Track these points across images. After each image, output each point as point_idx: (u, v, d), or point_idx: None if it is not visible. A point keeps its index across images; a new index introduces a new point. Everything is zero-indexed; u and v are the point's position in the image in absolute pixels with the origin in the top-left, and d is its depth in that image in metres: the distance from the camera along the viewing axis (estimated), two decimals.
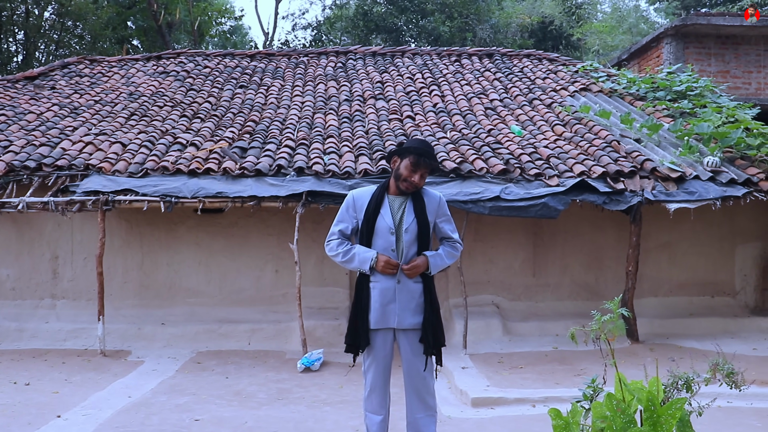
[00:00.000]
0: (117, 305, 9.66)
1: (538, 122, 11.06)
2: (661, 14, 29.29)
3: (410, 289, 4.44)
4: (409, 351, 4.47)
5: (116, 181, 8.82)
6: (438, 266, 4.50)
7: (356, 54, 15.07)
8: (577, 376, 7.66)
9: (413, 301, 4.45)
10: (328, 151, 9.60)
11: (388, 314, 4.42)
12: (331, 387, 7.35)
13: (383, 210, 4.48)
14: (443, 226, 4.60)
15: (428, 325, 4.44)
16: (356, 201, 4.57)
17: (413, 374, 4.50)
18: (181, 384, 7.44)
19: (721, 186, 8.92)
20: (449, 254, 4.56)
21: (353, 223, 4.56)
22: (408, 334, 4.47)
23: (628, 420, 3.89)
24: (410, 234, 4.45)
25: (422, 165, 4.36)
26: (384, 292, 4.42)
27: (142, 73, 13.66)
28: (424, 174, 4.41)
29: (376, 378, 4.52)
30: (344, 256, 4.49)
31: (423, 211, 4.48)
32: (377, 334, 4.47)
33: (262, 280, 9.96)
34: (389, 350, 4.52)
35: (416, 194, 4.52)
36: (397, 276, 4.41)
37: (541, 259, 10.21)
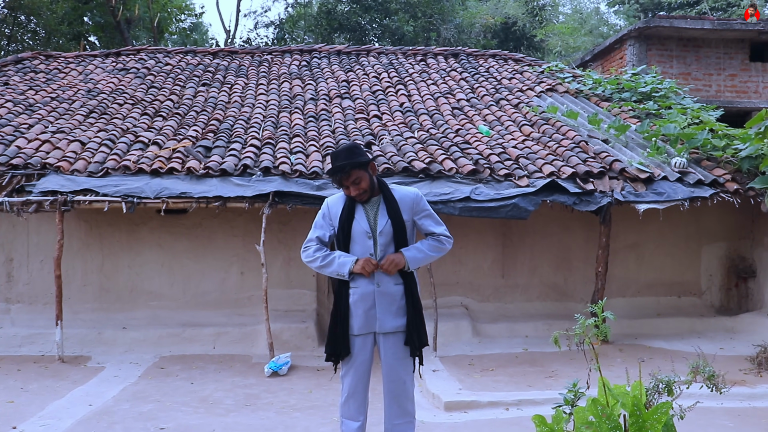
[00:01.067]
0: (76, 309, 9.35)
1: (506, 122, 11.01)
2: (621, 17, 29.63)
3: (391, 292, 4.33)
4: (390, 355, 4.35)
5: (75, 180, 8.52)
6: (418, 260, 4.36)
7: (321, 52, 14.88)
8: (548, 378, 7.60)
9: (394, 303, 4.34)
10: (295, 151, 9.42)
11: (370, 319, 4.32)
12: (301, 392, 7.18)
13: (357, 215, 4.36)
14: (423, 222, 4.46)
15: (412, 327, 4.34)
16: (331, 208, 4.45)
17: (393, 379, 4.38)
18: (144, 391, 7.20)
19: (689, 187, 8.95)
20: (433, 247, 4.41)
21: (330, 230, 4.43)
22: (389, 338, 4.35)
23: (613, 425, 3.80)
24: (385, 236, 4.33)
25: (343, 179, 4.25)
26: (364, 296, 4.31)
27: (100, 69, 13.28)
28: (355, 180, 4.26)
29: (355, 383, 4.38)
30: (322, 260, 4.36)
31: (396, 211, 4.35)
32: (357, 338, 4.35)
33: (227, 283, 9.74)
34: (369, 354, 4.39)
35: (387, 195, 4.39)
36: (375, 279, 4.30)
37: (510, 260, 10.16)
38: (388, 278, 4.32)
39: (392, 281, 4.32)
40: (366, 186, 4.30)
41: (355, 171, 4.26)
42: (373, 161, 4.42)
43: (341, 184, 4.28)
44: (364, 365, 4.38)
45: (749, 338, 9.03)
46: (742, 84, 16.37)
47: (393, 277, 4.33)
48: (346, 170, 4.23)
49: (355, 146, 4.40)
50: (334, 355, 4.39)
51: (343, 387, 4.42)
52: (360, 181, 4.27)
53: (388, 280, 4.32)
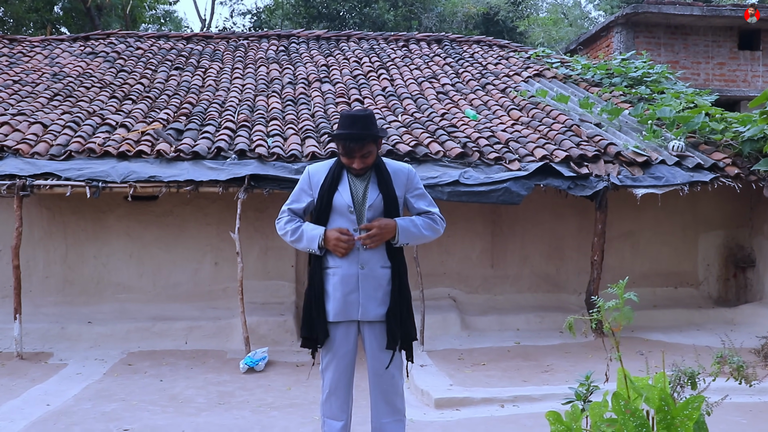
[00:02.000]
0: (37, 302, 8.75)
1: (493, 107, 10.54)
2: (601, 10, 29.36)
3: (376, 276, 3.81)
4: (376, 346, 3.84)
5: (35, 164, 7.92)
6: (410, 234, 3.84)
7: (299, 38, 14.30)
8: (544, 372, 7.15)
9: (380, 289, 3.81)
10: (272, 134, 8.87)
11: (350, 305, 3.79)
12: (278, 389, 6.67)
13: (341, 186, 3.84)
14: (416, 201, 3.95)
15: (393, 315, 3.80)
16: (312, 177, 3.93)
17: (380, 373, 3.87)
18: (108, 389, 6.64)
19: (688, 171, 8.53)
20: (427, 225, 3.90)
21: (308, 201, 3.92)
22: (374, 327, 3.84)
23: (640, 423, 3.32)
24: (374, 211, 3.81)
25: (355, 149, 3.72)
26: (345, 279, 3.79)
27: (68, 53, 12.61)
28: (365, 154, 3.75)
29: (337, 378, 3.87)
30: (293, 234, 3.86)
31: (388, 186, 3.83)
32: (338, 327, 3.83)
33: (200, 274, 9.17)
34: (352, 346, 3.87)
35: (380, 168, 3.87)
36: (360, 260, 3.78)
37: (500, 249, 9.69)
38: (374, 259, 3.81)
39: (379, 263, 3.82)
40: (371, 162, 3.82)
41: (369, 144, 3.76)
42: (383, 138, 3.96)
43: (349, 152, 3.74)
44: (347, 358, 3.87)
45: (750, 330, 8.64)
46: (731, 72, 16.06)
47: (380, 258, 3.82)
48: (364, 141, 3.73)
49: (373, 115, 3.89)
50: (310, 340, 3.88)
51: (324, 383, 3.91)
52: (369, 155, 3.78)
53: (374, 261, 3.81)
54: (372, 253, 3.79)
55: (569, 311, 9.27)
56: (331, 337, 3.84)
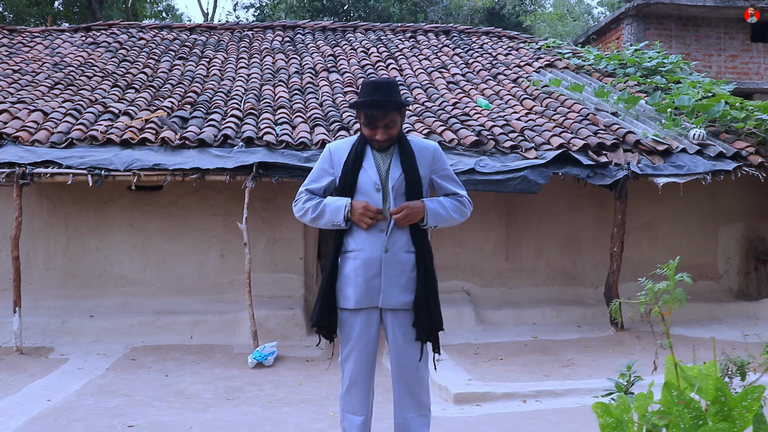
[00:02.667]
0: (37, 296, 8.46)
1: (505, 97, 10.27)
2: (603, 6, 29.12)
3: (400, 261, 3.53)
4: (400, 336, 3.56)
5: (35, 152, 7.63)
6: (439, 216, 3.57)
7: (304, 29, 14.02)
8: (565, 367, 6.87)
9: (403, 275, 3.54)
10: (280, 122, 8.58)
11: (372, 290, 3.51)
12: (289, 384, 6.39)
13: (366, 162, 3.56)
14: (442, 182, 3.69)
15: (421, 304, 3.52)
16: (334, 154, 3.65)
17: (404, 365, 3.59)
18: (111, 384, 6.36)
19: (710, 160, 8.25)
20: (455, 207, 3.64)
21: (329, 181, 3.64)
22: (398, 316, 3.56)
23: (696, 414, 3.03)
24: (396, 192, 3.54)
25: (378, 118, 3.47)
26: (368, 263, 3.51)
27: (69, 44, 12.34)
28: (389, 123, 3.49)
29: (358, 369, 3.59)
30: (314, 210, 3.58)
31: (412, 164, 3.57)
32: (358, 315, 3.56)
33: (205, 266, 8.86)
34: (374, 335, 3.60)
35: (403, 144, 3.61)
36: (384, 243, 3.50)
37: (515, 241, 9.38)
38: (399, 243, 3.53)
39: (403, 247, 3.54)
40: (395, 134, 3.55)
41: (393, 113, 3.50)
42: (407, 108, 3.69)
43: (371, 122, 3.48)
44: (368, 348, 3.59)
45: None
46: (743, 65, 15.77)
47: (405, 243, 3.55)
48: (387, 108, 3.46)
49: (396, 83, 3.62)
50: (328, 329, 3.62)
51: (344, 375, 3.63)
52: (393, 125, 3.51)
53: (399, 246, 3.53)
54: (396, 237, 3.53)
55: (586, 305, 9.00)
56: (351, 326, 3.58)
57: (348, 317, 3.57)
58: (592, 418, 5.55)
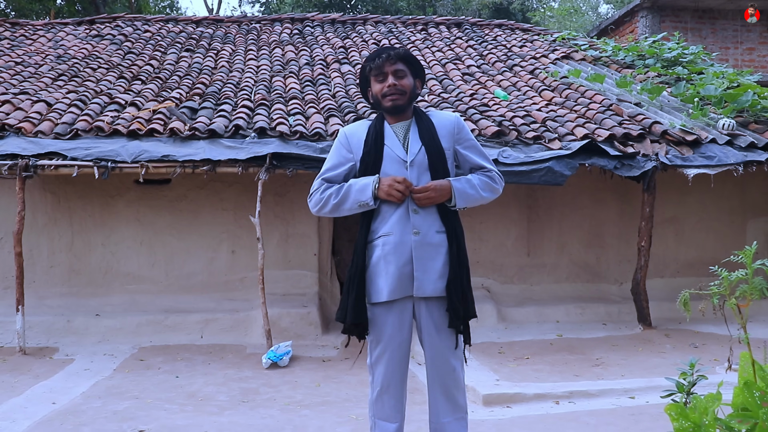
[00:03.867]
0: (41, 294, 8.14)
1: (523, 88, 9.94)
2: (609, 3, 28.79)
3: (432, 243, 3.21)
4: (434, 329, 3.25)
5: (39, 143, 7.31)
6: (467, 196, 3.25)
7: (313, 21, 13.70)
8: (596, 366, 6.54)
9: (438, 258, 3.22)
10: (293, 112, 8.26)
11: (405, 278, 3.19)
12: (307, 385, 6.07)
13: (388, 139, 3.27)
14: (468, 153, 3.37)
15: (455, 288, 3.19)
16: (350, 137, 3.35)
17: (439, 363, 3.28)
18: (120, 386, 6.03)
19: (741, 151, 7.91)
20: (485, 184, 3.32)
21: (347, 167, 3.33)
22: (431, 306, 3.23)
23: None
24: (418, 167, 3.24)
25: (387, 62, 3.25)
26: (399, 249, 3.18)
27: (72, 36, 12.03)
28: (399, 71, 3.26)
29: (391, 372, 3.26)
30: (336, 195, 3.26)
31: (433, 135, 3.27)
32: (391, 310, 3.22)
33: (216, 263, 8.52)
34: (407, 333, 3.28)
35: (420, 116, 3.32)
36: (413, 226, 3.18)
37: (536, 236, 9.04)
38: (427, 222, 3.22)
39: (433, 227, 3.23)
40: (407, 86, 3.26)
41: (401, 62, 3.27)
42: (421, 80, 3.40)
43: (379, 69, 3.25)
44: (401, 349, 3.27)
45: None
46: (761, 58, 15.42)
47: (434, 222, 3.23)
48: (394, 55, 3.26)
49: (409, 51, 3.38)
50: (356, 327, 3.28)
51: (374, 379, 3.30)
52: (404, 76, 3.26)
53: (428, 225, 3.22)
54: (424, 216, 3.21)
55: (611, 302, 8.68)
56: (382, 324, 3.25)
57: (379, 314, 3.25)
58: (631, 420, 5.23)
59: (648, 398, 5.52)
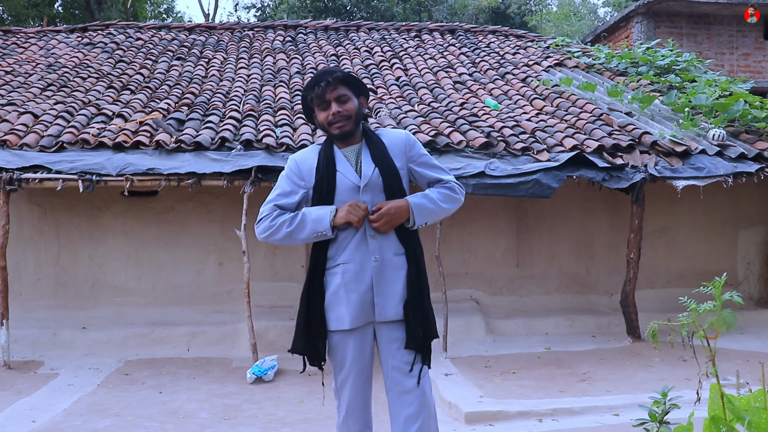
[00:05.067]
0: (27, 307, 8.11)
1: (514, 97, 9.89)
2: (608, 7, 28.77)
3: (392, 265, 3.12)
4: (396, 351, 3.15)
5: (23, 156, 7.28)
6: (428, 211, 3.16)
7: (306, 28, 13.66)
8: (582, 381, 6.48)
9: (398, 281, 3.13)
10: (280, 123, 8.23)
11: (366, 305, 3.10)
12: (290, 401, 6.03)
13: (340, 165, 3.16)
14: (422, 170, 3.27)
15: (413, 309, 3.11)
16: (301, 164, 3.23)
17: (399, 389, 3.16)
18: (102, 402, 6.00)
19: (731, 161, 7.86)
20: (444, 196, 3.22)
21: (299, 194, 3.20)
22: (392, 329, 3.15)
23: None
24: (372, 189, 3.15)
25: (327, 89, 3.10)
26: (360, 276, 3.09)
27: (64, 44, 12.00)
28: (341, 96, 3.12)
29: (354, 398, 3.18)
30: (290, 224, 3.13)
31: (385, 156, 3.17)
32: (351, 336, 3.13)
33: (203, 275, 8.50)
34: (368, 356, 3.19)
35: (370, 137, 3.22)
36: (370, 252, 3.09)
37: (526, 247, 9.00)
38: (386, 245, 3.13)
39: (392, 249, 3.13)
40: (352, 110, 3.14)
41: (342, 86, 3.14)
42: (365, 97, 3.28)
43: (321, 98, 3.11)
44: (364, 374, 3.19)
45: None
46: (756, 64, 15.40)
47: (392, 244, 3.14)
48: (333, 80, 3.11)
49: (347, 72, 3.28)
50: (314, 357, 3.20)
51: (340, 404, 3.22)
52: (347, 100, 3.13)
53: (386, 248, 3.12)
54: (381, 240, 3.12)
55: (601, 314, 8.62)
56: (343, 351, 3.15)
57: (339, 340, 3.15)
58: None
59: (632, 415, 5.45)
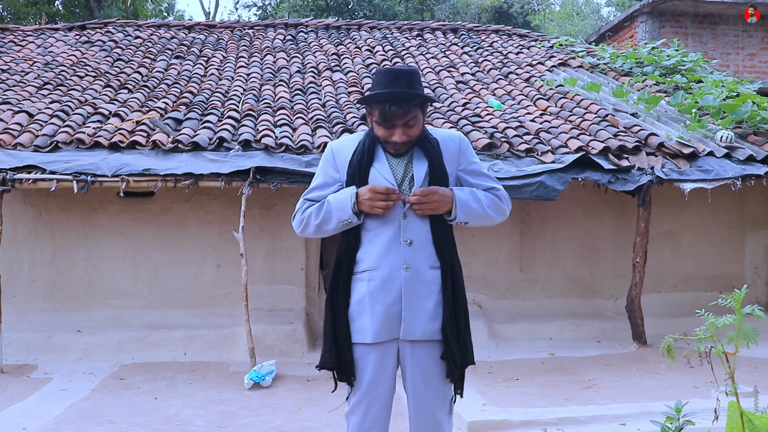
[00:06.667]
0: (22, 309, 7.96)
1: (518, 97, 9.75)
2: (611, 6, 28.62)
3: (425, 279, 2.84)
4: (420, 378, 2.86)
5: (17, 156, 7.13)
6: (471, 210, 2.90)
7: (307, 27, 13.51)
8: (587, 389, 6.33)
9: (430, 297, 2.85)
10: (280, 123, 8.08)
11: (392, 319, 2.83)
12: (288, 408, 5.88)
13: (377, 162, 2.90)
14: (470, 179, 3.00)
15: (452, 332, 2.84)
16: (337, 154, 2.99)
17: (424, 418, 2.88)
18: (95, 408, 5.85)
19: (739, 164, 7.71)
20: (492, 203, 2.97)
21: (334, 187, 2.97)
22: (418, 350, 2.86)
23: None
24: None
25: (397, 115, 2.79)
26: (387, 285, 2.83)
27: (62, 42, 11.85)
28: (410, 121, 2.82)
29: (369, 425, 2.87)
30: (317, 214, 2.91)
31: (439, 157, 2.91)
32: (371, 351, 2.85)
33: (200, 278, 8.34)
34: (389, 380, 2.88)
35: (425, 137, 2.94)
36: (403, 259, 2.82)
37: (529, 250, 8.84)
38: (420, 257, 2.84)
39: (427, 261, 2.85)
40: (416, 134, 2.87)
41: (415, 109, 2.83)
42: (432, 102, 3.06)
43: (388, 119, 2.80)
44: (381, 399, 2.87)
45: None
46: (762, 64, 15.21)
47: (428, 256, 2.85)
48: (409, 103, 2.80)
49: (419, 73, 2.96)
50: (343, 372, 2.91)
51: (349, 429, 2.91)
52: (415, 124, 2.85)
53: (421, 260, 2.84)
54: (418, 248, 2.84)
55: (606, 318, 8.47)
56: (362, 368, 2.86)
57: (360, 356, 2.87)
58: None
59: (639, 425, 5.31)
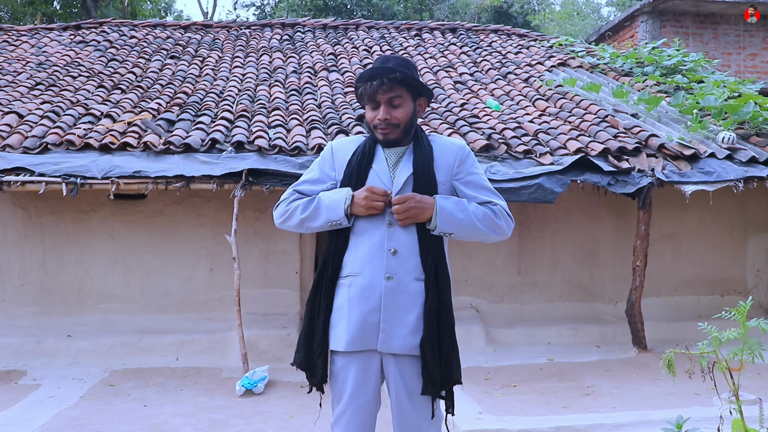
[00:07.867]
0: (11, 313, 7.84)
1: (516, 97, 9.61)
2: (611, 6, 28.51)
3: (408, 291, 2.74)
4: (404, 393, 2.77)
5: (6, 157, 6.99)
6: (454, 220, 2.76)
7: (305, 26, 13.38)
8: (586, 396, 6.20)
9: (412, 310, 2.74)
10: (274, 125, 7.95)
11: (369, 328, 2.73)
12: (280, 416, 5.75)
13: (376, 163, 2.81)
14: (466, 190, 2.87)
15: (431, 346, 2.71)
16: (336, 153, 2.91)
17: (407, 430, 2.80)
18: (83, 416, 5.72)
19: (741, 165, 7.56)
20: (483, 215, 2.81)
21: (327, 185, 2.88)
22: (402, 364, 2.76)
23: None
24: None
25: (379, 91, 2.74)
26: (366, 293, 2.73)
27: (56, 42, 11.72)
28: (393, 99, 2.75)
29: None
30: (305, 209, 2.82)
31: (427, 164, 2.80)
32: (353, 362, 2.77)
33: (193, 281, 8.21)
34: (371, 392, 2.80)
35: (419, 139, 2.85)
36: (386, 269, 2.72)
37: (528, 253, 8.70)
38: (405, 267, 2.74)
39: (412, 273, 2.75)
40: (403, 117, 2.78)
41: (399, 87, 2.77)
42: (426, 98, 2.92)
43: (371, 96, 2.76)
44: (364, 411, 2.79)
45: None
46: (764, 64, 15.07)
47: (413, 267, 2.75)
48: (392, 80, 2.74)
49: (412, 62, 2.88)
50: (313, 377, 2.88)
51: None
52: (400, 104, 2.77)
53: (405, 271, 2.74)
54: (402, 259, 2.74)
55: (605, 323, 8.33)
56: (343, 379, 2.79)
57: (342, 367, 2.79)
58: None
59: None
